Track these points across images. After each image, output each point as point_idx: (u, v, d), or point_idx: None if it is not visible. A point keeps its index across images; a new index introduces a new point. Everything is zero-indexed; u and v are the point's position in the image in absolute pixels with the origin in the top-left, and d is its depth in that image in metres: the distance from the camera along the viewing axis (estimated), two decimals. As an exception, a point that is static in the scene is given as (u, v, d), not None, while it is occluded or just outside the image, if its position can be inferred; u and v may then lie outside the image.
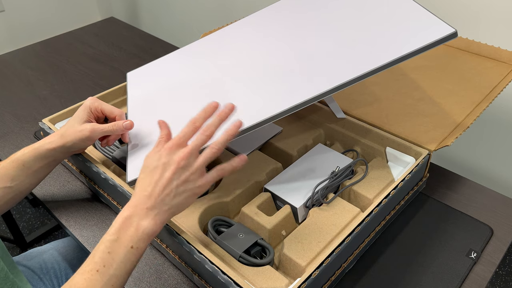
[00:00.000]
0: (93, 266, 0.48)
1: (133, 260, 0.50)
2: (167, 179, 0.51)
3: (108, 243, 0.49)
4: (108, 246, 0.49)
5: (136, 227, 0.50)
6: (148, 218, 0.50)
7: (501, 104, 1.20)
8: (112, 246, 0.49)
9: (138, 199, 0.51)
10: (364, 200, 0.66)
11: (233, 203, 0.67)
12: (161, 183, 0.51)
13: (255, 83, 0.69)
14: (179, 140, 0.54)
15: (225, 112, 0.56)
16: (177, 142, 0.54)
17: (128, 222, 0.50)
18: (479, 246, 0.66)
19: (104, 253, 0.48)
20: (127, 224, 0.50)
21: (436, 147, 0.70)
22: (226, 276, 0.52)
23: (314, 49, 0.70)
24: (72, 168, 0.80)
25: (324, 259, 0.54)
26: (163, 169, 0.52)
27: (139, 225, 0.50)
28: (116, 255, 0.49)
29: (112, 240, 0.49)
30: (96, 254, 0.49)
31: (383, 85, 0.87)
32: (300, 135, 0.79)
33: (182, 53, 0.87)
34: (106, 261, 0.48)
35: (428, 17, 0.63)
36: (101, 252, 0.49)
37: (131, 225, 0.50)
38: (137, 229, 0.50)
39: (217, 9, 1.82)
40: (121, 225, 0.50)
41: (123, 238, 0.49)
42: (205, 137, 0.54)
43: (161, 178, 0.51)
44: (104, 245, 0.49)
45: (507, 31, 1.11)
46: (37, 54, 1.30)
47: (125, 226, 0.50)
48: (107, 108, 0.68)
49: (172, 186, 0.51)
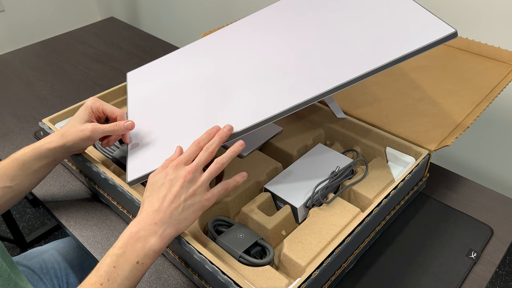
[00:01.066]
0: (97, 279, 0.48)
1: (137, 275, 0.50)
2: (175, 193, 0.52)
3: (114, 257, 0.49)
4: (114, 260, 0.49)
5: (144, 243, 0.50)
6: (156, 235, 0.51)
7: (501, 104, 1.20)
8: (118, 260, 0.49)
9: (146, 214, 0.51)
10: (364, 200, 0.66)
11: (233, 203, 0.67)
12: (169, 197, 0.52)
13: (255, 83, 0.69)
14: (184, 158, 0.56)
15: (224, 132, 0.59)
16: (182, 160, 0.56)
17: (135, 237, 0.50)
18: (479, 246, 0.66)
19: (109, 267, 0.48)
20: (135, 239, 0.50)
21: (436, 147, 0.70)
22: (226, 276, 0.52)
23: (314, 49, 0.69)
24: (72, 168, 0.80)
25: (324, 259, 0.54)
26: (170, 184, 0.53)
27: (146, 241, 0.50)
28: (121, 270, 0.48)
29: (118, 254, 0.49)
30: (101, 267, 0.48)
31: (383, 85, 0.87)
32: (300, 135, 0.79)
33: (182, 53, 0.87)
34: (111, 275, 0.48)
35: (428, 17, 0.63)
36: (106, 265, 0.48)
37: (138, 241, 0.50)
38: (144, 245, 0.50)
39: (217, 9, 1.82)
40: (128, 239, 0.50)
41: (129, 253, 0.49)
42: (208, 154, 0.57)
43: (168, 193, 0.52)
44: (110, 258, 0.49)
45: (507, 31, 1.11)
46: (37, 54, 1.30)
47: (132, 241, 0.50)
48: (109, 108, 0.68)
49: (180, 200, 0.52)
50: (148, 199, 0.53)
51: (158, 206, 0.52)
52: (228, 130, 0.60)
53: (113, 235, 0.70)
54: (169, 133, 0.69)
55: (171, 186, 0.53)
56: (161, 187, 0.53)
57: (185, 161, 0.56)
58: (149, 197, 0.54)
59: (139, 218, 0.52)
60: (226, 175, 0.71)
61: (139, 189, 0.68)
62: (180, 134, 0.67)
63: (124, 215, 0.71)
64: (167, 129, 0.70)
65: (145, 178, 0.63)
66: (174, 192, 0.52)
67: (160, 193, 0.53)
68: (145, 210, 0.52)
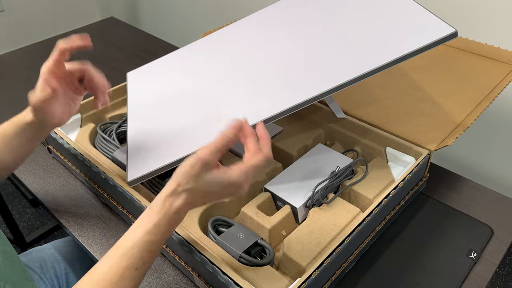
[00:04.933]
0: (129, 263, 0.47)
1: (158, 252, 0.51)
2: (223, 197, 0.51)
3: (150, 243, 0.48)
4: (149, 245, 0.48)
5: (173, 226, 0.49)
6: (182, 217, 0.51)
7: (501, 104, 1.20)
8: (153, 245, 0.48)
9: (192, 201, 0.49)
10: (364, 200, 0.66)
11: (233, 203, 0.67)
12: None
13: (255, 83, 0.69)
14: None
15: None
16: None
17: (171, 222, 0.49)
18: (479, 246, 0.66)
19: (144, 252, 0.48)
20: (170, 224, 0.49)
21: (436, 147, 0.70)
22: (226, 276, 0.52)
23: (313, 49, 0.69)
24: (72, 168, 0.80)
25: (324, 259, 0.54)
26: (234, 191, 0.50)
27: (175, 225, 0.50)
28: (154, 254, 0.49)
29: (153, 242, 0.48)
30: (135, 252, 0.47)
31: (383, 85, 0.87)
32: (300, 135, 0.79)
33: (182, 53, 0.87)
34: (146, 259, 0.48)
35: (428, 17, 0.63)
36: (141, 250, 0.48)
37: (172, 224, 0.49)
38: (171, 229, 0.49)
39: (217, 9, 1.82)
40: (167, 225, 0.49)
41: (162, 238, 0.49)
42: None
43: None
44: (145, 244, 0.48)
45: (507, 31, 1.11)
46: (37, 54, 1.30)
47: (168, 227, 0.49)
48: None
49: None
50: (205, 186, 0.48)
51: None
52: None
53: (113, 235, 0.70)
54: (169, 133, 0.69)
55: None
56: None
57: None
58: (206, 186, 0.48)
59: (181, 207, 0.48)
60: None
61: (139, 189, 0.68)
62: (180, 134, 0.67)
63: (124, 215, 0.71)
64: (167, 129, 0.70)
65: (145, 178, 0.63)
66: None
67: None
68: (189, 202, 0.49)
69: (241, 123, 0.50)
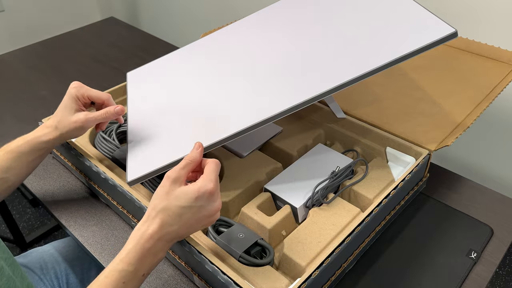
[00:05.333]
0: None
1: (139, 286, 0.52)
2: (199, 221, 0.53)
3: (124, 273, 0.49)
4: (123, 276, 0.49)
5: (154, 258, 0.51)
6: (166, 249, 0.52)
7: (501, 104, 1.20)
8: (128, 276, 0.49)
9: (166, 232, 0.51)
10: (364, 200, 0.66)
11: (233, 203, 0.67)
12: (195, 224, 0.53)
13: (255, 82, 0.69)
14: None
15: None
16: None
17: (147, 254, 0.50)
18: (479, 246, 0.66)
19: (118, 283, 0.49)
20: (146, 255, 0.50)
21: (436, 147, 0.70)
22: (226, 276, 0.52)
23: (313, 49, 0.69)
24: (72, 168, 0.80)
25: (324, 259, 0.54)
26: (199, 212, 0.52)
27: (156, 256, 0.51)
28: (130, 285, 0.50)
29: (129, 271, 0.49)
30: (110, 284, 0.48)
31: (383, 85, 0.87)
32: (300, 135, 0.79)
33: (182, 53, 0.87)
34: None
35: (428, 17, 0.63)
36: (115, 281, 0.49)
37: (149, 256, 0.50)
38: (153, 260, 0.51)
39: (217, 9, 1.82)
40: (141, 257, 0.50)
41: (139, 269, 0.50)
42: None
43: (194, 220, 0.53)
44: (118, 274, 0.49)
45: (507, 31, 1.11)
46: (37, 54, 1.30)
47: (144, 258, 0.50)
48: (94, 94, 0.69)
49: (199, 227, 0.54)
50: (173, 212, 0.50)
51: (177, 229, 0.51)
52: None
53: (113, 235, 0.70)
54: (169, 133, 0.69)
55: (199, 214, 0.51)
56: (191, 209, 0.51)
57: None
58: (173, 211, 0.50)
59: (154, 232, 0.50)
60: (226, 175, 0.71)
61: (139, 189, 0.68)
62: (180, 134, 0.67)
63: (124, 215, 0.71)
64: (167, 129, 0.70)
65: (145, 178, 0.63)
66: (199, 220, 0.52)
67: (189, 216, 0.51)
68: (163, 224, 0.50)
69: (199, 145, 0.56)
